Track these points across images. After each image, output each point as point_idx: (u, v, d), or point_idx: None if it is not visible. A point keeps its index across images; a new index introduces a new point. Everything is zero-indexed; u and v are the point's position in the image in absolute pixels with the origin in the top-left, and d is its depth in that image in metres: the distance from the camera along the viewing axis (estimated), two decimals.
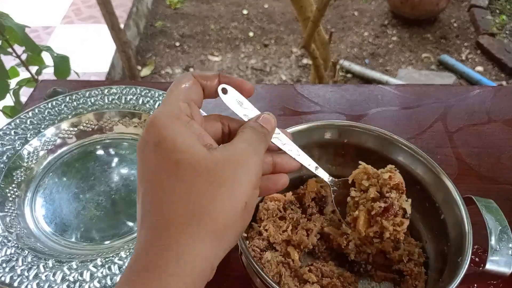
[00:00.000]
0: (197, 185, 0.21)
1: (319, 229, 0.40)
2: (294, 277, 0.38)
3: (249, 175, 0.23)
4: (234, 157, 0.23)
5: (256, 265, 0.31)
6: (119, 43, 1.33)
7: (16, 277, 0.40)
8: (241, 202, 0.22)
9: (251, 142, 0.24)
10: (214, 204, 0.21)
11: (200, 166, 0.21)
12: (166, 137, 0.22)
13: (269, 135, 0.27)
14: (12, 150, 0.53)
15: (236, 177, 0.22)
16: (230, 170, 0.22)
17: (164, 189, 0.21)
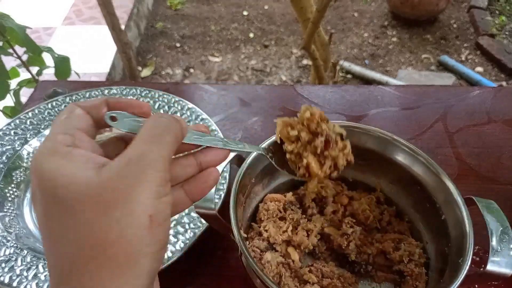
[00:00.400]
0: (87, 216, 0.19)
1: (319, 230, 0.40)
2: (294, 278, 0.38)
3: (147, 186, 0.20)
4: (125, 169, 0.20)
5: (256, 266, 0.31)
6: (119, 44, 1.34)
7: (15, 277, 0.40)
8: (143, 218, 0.19)
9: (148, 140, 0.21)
10: (110, 230, 0.19)
11: (86, 195, 0.19)
12: (44, 177, 0.20)
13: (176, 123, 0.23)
14: (11, 150, 0.53)
15: (129, 192, 0.19)
16: (121, 187, 0.19)
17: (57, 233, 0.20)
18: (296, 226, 0.40)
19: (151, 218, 0.20)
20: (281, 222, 0.40)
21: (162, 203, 0.20)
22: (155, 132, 0.22)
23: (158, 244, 0.20)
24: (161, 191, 0.20)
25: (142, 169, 0.20)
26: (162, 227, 0.20)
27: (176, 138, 0.23)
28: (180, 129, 0.23)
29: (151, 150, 0.21)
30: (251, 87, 0.67)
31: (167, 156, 0.21)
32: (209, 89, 0.65)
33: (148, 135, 0.22)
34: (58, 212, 0.19)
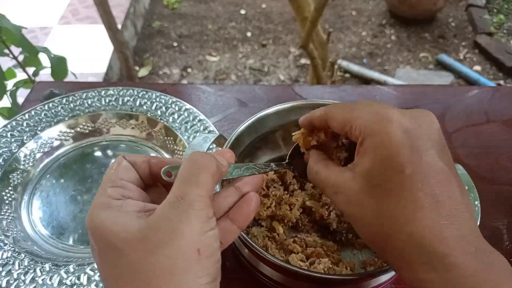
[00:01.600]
0: (137, 256, 0.21)
1: (301, 204, 0.42)
2: (280, 249, 0.39)
3: (191, 224, 0.22)
4: (168, 212, 0.22)
5: (243, 234, 0.32)
6: (116, 43, 1.33)
7: (12, 281, 0.40)
8: (191, 252, 0.22)
9: (186, 181, 0.23)
10: (161, 266, 0.21)
11: (134, 238, 0.21)
12: (99, 229, 0.22)
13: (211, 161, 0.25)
14: (8, 152, 0.52)
15: (175, 232, 0.22)
16: (166, 227, 0.22)
17: (113, 276, 0.22)
18: (279, 202, 0.42)
19: (199, 251, 0.22)
20: (264, 199, 0.42)
21: (208, 237, 0.23)
22: (191, 172, 0.24)
23: (210, 276, 0.22)
24: (205, 226, 0.23)
25: (184, 210, 0.22)
26: (210, 259, 0.22)
27: (213, 175, 0.24)
28: (215, 166, 0.25)
29: (189, 192, 0.23)
30: (248, 87, 0.66)
31: (206, 194, 0.23)
32: (206, 89, 0.65)
33: (185, 177, 0.24)
34: (113, 257, 0.22)
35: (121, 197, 0.24)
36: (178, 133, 0.55)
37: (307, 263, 0.37)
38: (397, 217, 0.24)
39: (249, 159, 0.45)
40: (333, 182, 0.28)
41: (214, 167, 0.25)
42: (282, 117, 0.44)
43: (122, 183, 0.25)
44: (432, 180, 0.24)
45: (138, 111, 0.58)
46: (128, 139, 0.58)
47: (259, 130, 0.44)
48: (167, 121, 0.56)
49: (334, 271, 0.37)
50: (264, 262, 0.35)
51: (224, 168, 0.27)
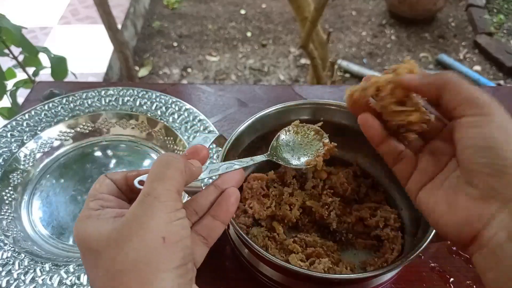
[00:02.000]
0: (109, 254, 0.23)
1: (301, 204, 0.42)
2: (280, 249, 0.40)
3: (157, 214, 0.24)
4: (137, 208, 0.24)
5: (243, 234, 0.33)
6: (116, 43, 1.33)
7: (12, 281, 0.40)
8: (156, 239, 0.23)
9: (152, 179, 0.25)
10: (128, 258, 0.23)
11: (107, 239, 0.24)
12: (81, 237, 0.25)
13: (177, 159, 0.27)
14: (8, 152, 0.52)
15: (140, 224, 0.23)
16: (134, 222, 0.24)
17: (93, 275, 0.24)
18: (279, 202, 0.42)
19: (164, 239, 0.23)
20: (264, 199, 0.42)
21: (174, 226, 0.24)
22: (157, 171, 0.26)
23: (177, 260, 0.23)
24: (171, 216, 0.24)
25: (150, 204, 0.24)
26: (177, 245, 0.24)
27: (180, 172, 0.26)
28: (182, 163, 0.27)
29: (155, 187, 0.25)
30: (248, 87, 0.66)
31: (173, 189, 0.25)
32: (206, 89, 0.65)
33: (152, 175, 0.25)
34: (93, 260, 0.24)
35: (100, 207, 0.26)
36: (178, 133, 0.55)
37: (307, 263, 0.37)
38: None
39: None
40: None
41: (181, 165, 0.26)
42: (282, 117, 0.44)
43: (101, 196, 0.27)
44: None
45: (138, 111, 0.58)
46: (128, 139, 0.58)
47: (259, 130, 0.44)
48: (167, 121, 0.56)
49: (334, 271, 0.37)
50: (264, 262, 0.35)
51: (195, 168, 0.28)
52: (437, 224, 0.27)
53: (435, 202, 0.28)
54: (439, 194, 0.28)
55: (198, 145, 0.31)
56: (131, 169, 0.54)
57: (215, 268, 0.43)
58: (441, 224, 0.27)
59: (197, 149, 0.31)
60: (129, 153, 0.56)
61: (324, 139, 0.39)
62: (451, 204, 0.26)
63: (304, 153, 0.38)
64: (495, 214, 0.24)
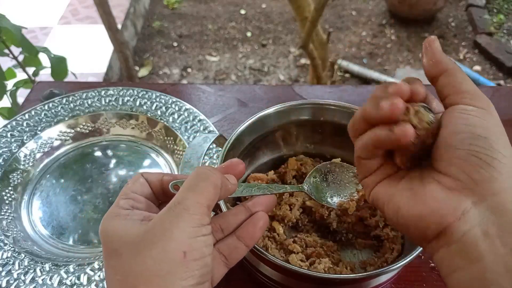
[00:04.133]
0: (128, 258, 0.23)
1: (301, 204, 0.42)
2: (280, 249, 0.40)
3: (182, 226, 0.23)
4: (164, 215, 0.24)
5: None
6: (116, 43, 1.33)
7: (12, 281, 0.40)
8: (176, 254, 0.23)
9: (186, 189, 0.25)
10: (146, 267, 0.22)
11: (130, 242, 0.23)
12: (107, 235, 0.25)
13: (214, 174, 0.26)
14: (8, 152, 0.52)
15: (164, 233, 0.23)
16: (159, 229, 0.23)
17: (112, 275, 0.24)
18: (279, 202, 0.42)
19: (185, 254, 0.23)
20: None
21: (197, 242, 0.23)
22: (192, 182, 0.25)
23: (194, 279, 0.23)
24: (197, 231, 0.23)
25: (178, 213, 0.23)
26: (197, 262, 0.23)
27: (215, 187, 0.25)
28: (219, 179, 0.26)
29: (187, 197, 0.24)
30: (248, 87, 0.66)
31: (204, 202, 0.24)
32: (206, 89, 0.65)
33: (186, 186, 0.25)
34: (112, 258, 0.24)
35: (130, 207, 0.26)
36: (178, 133, 0.55)
37: (307, 263, 0.37)
38: None
39: (249, 159, 0.45)
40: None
41: (217, 180, 0.26)
42: (282, 117, 0.45)
43: (133, 196, 0.27)
44: None
45: (138, 111, 0.58)
46: (128, 139, 0.58)
47: (259, 130, 0.44)
48: (167, 121, 0.56)
49: (334, 271, 0.37)
50: (264, 262, 0.35)
51: (230, 185, 0.28)
52: (396, 213, 0.25)
53: (394, 192, 0.26)
54: (399, 186, 0.26)
55: (235, 159, 0.30)
56: (131, 169, 0.54)
57: None
58: (402, 212, 0.24)
59: (233, 163, 0.30)
60: (129, 153, 0.56)
61: (360, 186, 0.38)
62: (417, 193, 0.24)
63: (338, 193, 0.38)
64: (471, 208, 0.22)
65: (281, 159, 0.47)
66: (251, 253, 0.36)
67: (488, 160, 0.22)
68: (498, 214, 0.22)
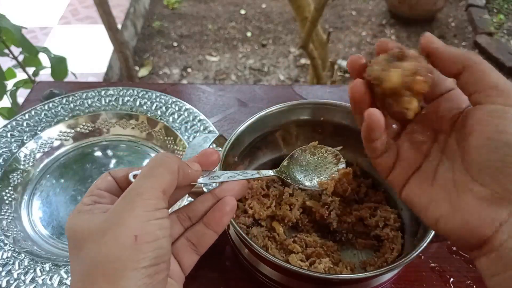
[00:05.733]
0: (87, 247, 0.24)
1: (301, 204, 0.42)
2: (280, 249, 0.40)
3: (134, 211, 0.24)
4: (119, 203, 0.25)
5: (243, 234, 0.33)
6: (116, 43, 1.33)
7: (12, 281, 0.40)
8: (127, 238, 0.23)
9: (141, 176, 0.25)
10: (100, 253, 0.23)
11: (89, 232, 0.24)
12: (70, 229, 0.25)
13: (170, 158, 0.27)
14: (8, 152, 0.52)
15: (117, 219, 0.24)
16: (113, 217, 0.24)
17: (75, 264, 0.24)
18: (279, 202, 0.42)
19: (136, 237, 0.23)
20: (264, 199, 0.42)
21: (151, 225, 0.24)
22: (147, 169, 0.26)
23: (146, 260, 0.23)
24: (149, 215, 0.24)
25: (131, 199, 0.24)
26: (150, 245, 0.23)
27: (170, 171, 0.26)
28: (176, 164, 0.26)
29: (139, 183, 0.25)
30: (248, 87, 0.66)
31: (158, 187, 0.25)
32: (206, 89, 0.65)
33: (142, 173, 0.26)
34: (74, 251, 0.25)
35: (93, 203, 0.27)
36: (178, 133, 0.55)
37: (307, 263, 0.37)
38: None
39: (249, 159, 0.45)
40: None
41: (173, 165, 0.26)
42: (282, 117, 0.45)
43: (97, 192, 0.27)
44: None
45: (138, 111, 0.58)
46: (128, 139, 0.58)
47: (259, 130, 0.44)
48: (167, 121, 0.56)
49: (334, 271, 0.37)
50: (264, 262, 0.35)
51: (191, 171, 0.28)
52: (436, 224, 0.25)
53: (430, 200, 0.25)
54: (434, 191, 0.25)
55: (210, 148, 0.30)
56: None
57: (215, 268, 0.43)
58: (442, 225, 0.25)
59: (207, 152, 0.30)
60: (129, 153, 0.56)
61: (340, 164, 0.38)
62: (454, 204, 0.24)
63: (318, 175, 0.38)
64: (508, 218, 0.22)
65: (281, 159, 0.47)
66: (251, 253, 0.36)
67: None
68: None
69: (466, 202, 0.24)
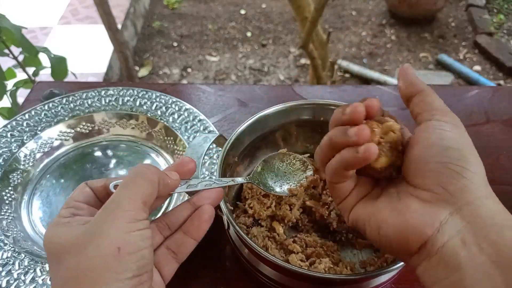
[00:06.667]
0: (67, 259, 0.24)
1: (301, 204, 0.42)
2: (280, 249, 0.40)
3: (115, 223, 0.24)
4: (99, 215, 0.25)
5: (243, 234, 0.33)
6: (116, 43, 1.33)
7: (12, 281, 0.40)
8: (110, 249, 0.23)
9: (120, 187, 0.26)
10: (81, 264, 0.23)
11: (69, 244, 0.24)
12: (48, 241, 0.25)
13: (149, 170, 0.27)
14: (8, 152, 0.52)
15: (99, 231, 0.24)
16: (94, 228, 0.24)
17: (54, 276, 0.24)
18: (279, 202, 0.42)
19: (119, 249, 0.23)
20: (264, 199, 0.42)
21: (132, 237, 0.24)
22: (127, 180, 0.26)
23: (129, 272, 0.23)
24: (131, 226, 0.24)
25: (111, 210, 0.24)
26: (132, 256, 0.24)
27: (150, 182, 0.26)
28: (155, 175, 0.27)
29: (120, 194, 0.25)
30: (248, 87, 0.66)
31: (137, 198, 0.25)
32: (206, 89, 0.65)
33: (122, 184, 0.26)
34: (54, 265, 0.24)
35: (71, 215, 0.27)
36: (178, 133, 0.55)
37: (307, 263, 0.37)
38: None
39: (249, 159, 0.45)
40: None
41: (153, 176, 0.27)
42: (282, 117, 0.45)
43: (74, 204, 0.27)
44: None
45: (138, 111, 0.58)
46: (128, 139, 0.58)
47: (259, 130, 0.44)
48: (167, 121, 0.56)
49: (334, 271, 0.37)
50: (264, 262, 0.35)
51: (170, 181, 0.28)
52: (378, 231, 0.25)
53: (373, 211, 0.26)
54: (378, 203, 0.26)
55: (186, 157, 0.31)
56: (131, 168, 0.54)
57: (215, 268, 0.43)
58: (383, 230, 0.25)
59: (183, 161, 0.30)
60: (129, 153, 0.56)
61: (308, 171, 0.39)
62: (396, 208, 0.25)
63: (287, 181, 0.39)
64: (448, 218, 0.23)
65: None
66: (251, 253, 0.36)
67: (461, 170, 0.23)
68: (473, 222, 0.23)
69: (408, 205, 0.25)
